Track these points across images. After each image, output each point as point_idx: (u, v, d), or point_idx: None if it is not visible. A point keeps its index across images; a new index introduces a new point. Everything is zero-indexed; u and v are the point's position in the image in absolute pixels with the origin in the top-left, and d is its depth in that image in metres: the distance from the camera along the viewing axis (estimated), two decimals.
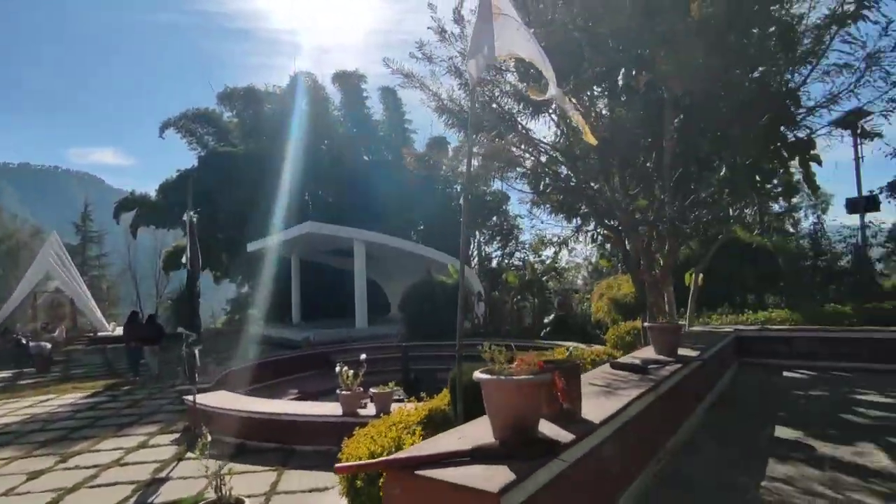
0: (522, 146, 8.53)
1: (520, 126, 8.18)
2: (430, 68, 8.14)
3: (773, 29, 6.22)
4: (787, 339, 7.86)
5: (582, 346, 11.34)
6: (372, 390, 7.23)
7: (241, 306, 31.16)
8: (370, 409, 7.04)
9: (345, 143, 29.49)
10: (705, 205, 8.18)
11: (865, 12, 5.21)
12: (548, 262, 18.06)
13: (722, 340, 6.86)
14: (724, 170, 7.93)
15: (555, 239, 9.46)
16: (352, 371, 7.19)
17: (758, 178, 7.70)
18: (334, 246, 21.36)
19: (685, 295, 8.93)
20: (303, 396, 10.94)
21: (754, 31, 6.20)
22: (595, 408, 3.23)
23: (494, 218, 27.42)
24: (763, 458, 3.92)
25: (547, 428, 2.74)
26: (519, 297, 17.98)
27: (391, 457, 2.10)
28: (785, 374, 7.16)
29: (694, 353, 5.50)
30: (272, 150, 27.11)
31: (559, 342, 13.00)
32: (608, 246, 14.91)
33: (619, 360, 4.88)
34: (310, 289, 24.02)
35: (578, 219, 9.85)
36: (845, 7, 5.38)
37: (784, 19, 6.20)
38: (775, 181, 8.54)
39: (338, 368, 7.22)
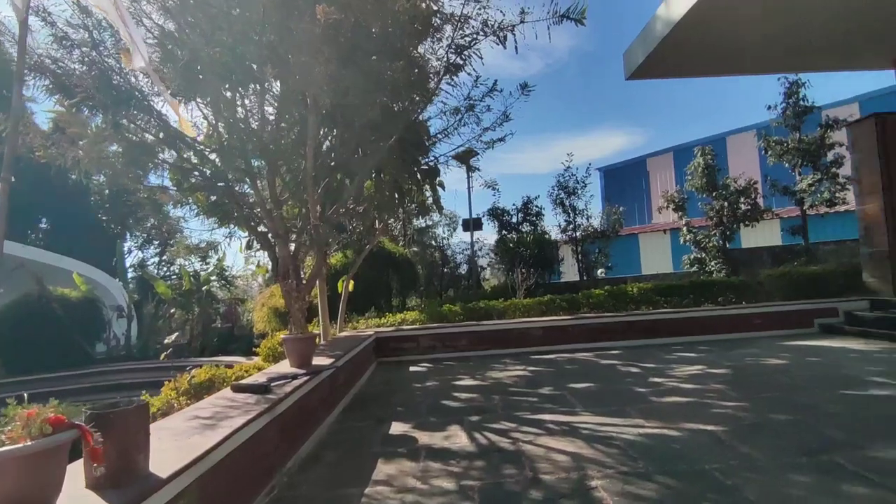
0: (161, 135, 7.22)
1: (154, 111, 6.88)
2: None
3: (407, 63, 7.01)
4: (415, 337, 9.08)
5: (243, 360, 10.52)
6: None
7: None
8: None
9: None
10: (355, 215, 8.65)
11: (465, 65, 6.44)
12: (210, 269, 16.32)
13: (361, 344, 7.30)
14: (372, 186, 8.58)
15: (202, 244, 8.38)
16: None
17: (397, 196, 8.62)
18: None
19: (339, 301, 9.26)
20: None
21: (400, 62, 6.85)
22: (178, 452, 2.68)
23: (152, 220, 23.35)
24: (374, 461, 4.09)
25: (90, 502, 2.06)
26: (174, 310, 15.63)
27: None
28: (412, 368, 8.16)
29: (329, 362, 5.56)
30: None
31: (220, 358, 11.84)
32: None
33: (242, 380, 4.44)
34: None
35: (233, 224, 9.05)
36: (450, 56, 6.51)
37: (415, 57, 7.06)
38: (413, 201, 9.78)
39: None
